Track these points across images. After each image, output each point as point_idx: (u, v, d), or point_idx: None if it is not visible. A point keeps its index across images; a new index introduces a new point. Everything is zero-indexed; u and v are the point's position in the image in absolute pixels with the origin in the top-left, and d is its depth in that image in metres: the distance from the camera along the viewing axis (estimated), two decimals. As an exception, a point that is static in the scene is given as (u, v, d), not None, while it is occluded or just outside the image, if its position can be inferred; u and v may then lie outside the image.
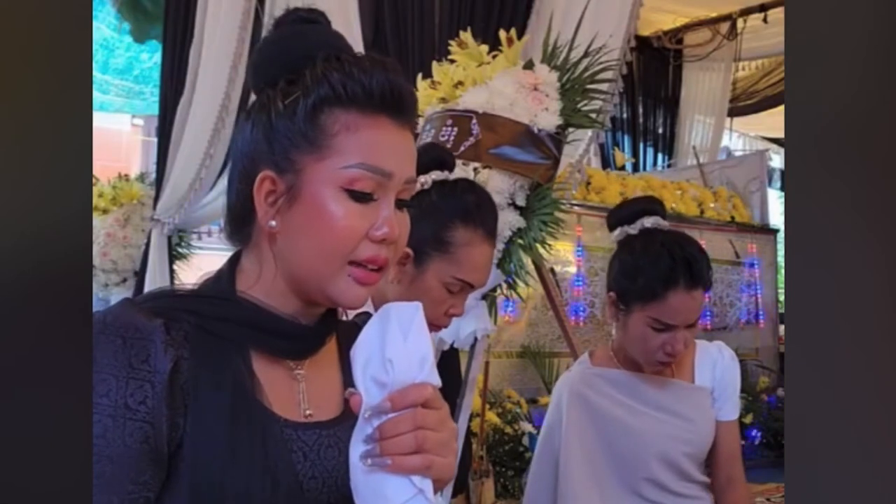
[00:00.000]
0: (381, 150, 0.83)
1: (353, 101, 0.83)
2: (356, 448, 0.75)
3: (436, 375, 0.76)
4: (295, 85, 0.84)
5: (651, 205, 1.72)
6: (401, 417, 0.74)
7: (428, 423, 0.74)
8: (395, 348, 0.74)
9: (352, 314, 1.17)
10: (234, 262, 0.90)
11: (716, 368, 1.70)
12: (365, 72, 0.83)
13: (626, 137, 7.39)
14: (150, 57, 5.33)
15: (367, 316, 0.89)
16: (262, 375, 0.84)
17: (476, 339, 2.09)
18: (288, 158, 0.83)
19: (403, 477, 0.73)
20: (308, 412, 0.87)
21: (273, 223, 0.84)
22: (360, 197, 0.82)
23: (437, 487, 0.76)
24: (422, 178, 1.48)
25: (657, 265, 1.57)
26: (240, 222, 0.89)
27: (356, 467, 0.74)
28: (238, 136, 0.89)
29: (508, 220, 2.09)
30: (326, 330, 0.91)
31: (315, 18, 0.91)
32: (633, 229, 1.67)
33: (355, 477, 0.75)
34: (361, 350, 0.76)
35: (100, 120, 5.98)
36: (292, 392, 0.87)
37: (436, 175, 1.49)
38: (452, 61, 2.27)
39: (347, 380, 0.78)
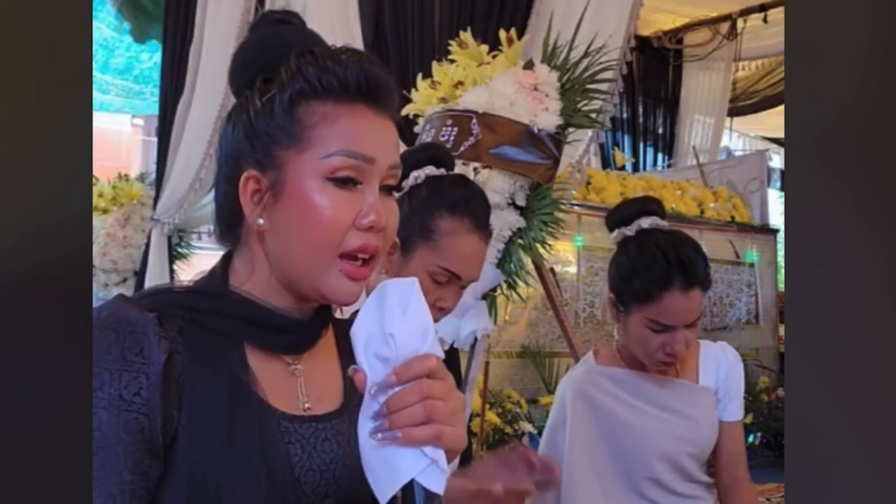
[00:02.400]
0: (361, 137, 0.83)
1: (329, 92, 0.83)
2: (364, 425, 0.74)
3: (438, 347, 0.76)
4: (271, 83, 0.84)
5: (648, 205, 1.71)
6: (407, 389, 0.73)
7: (435, 392, 0.74)
8: (396, 322, 0.73)
9: (347, 311, 1.17)
10: (226, 261, 0.90)
11: (720, 368, 1.70)
12: (339, 63, 0.83)
13: (626, 137, 7.39)
14: (150, 57, 5.34)
15: None
16: (259, 370, 0.85)
17: (476, 338, 2.10)
18: (269, 155, 0.84)
19: (415, 448, 0.73)
20: (307, 406, 0.87)
21: (261, 221, 0.84)
22: (344, 182, 0.82)
23: (450, 458, 0.75)
24: (415, 173, 1.47)
25: (652, 267, 1.57)
26: (229, 223, 0.89)
27: (366, 444, 0.74)
28: (221, 139, 0.89)
29: (508, 220, 2.09)
30: (320, 324, 0.91)
31: (288, 19, 0.91)
32: (629, 230, 1.67)
33: (366, 454, 0.74)
34: (361, 328, 0.75)
35: (100, 120, 5.98)
36: (290, 387, 0.87)
37: (430, 171, 1.48)
38: (452, 61, 2.27)
39: (347, 373, 0.78)
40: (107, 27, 5.09)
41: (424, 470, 0.73)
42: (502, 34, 2.25)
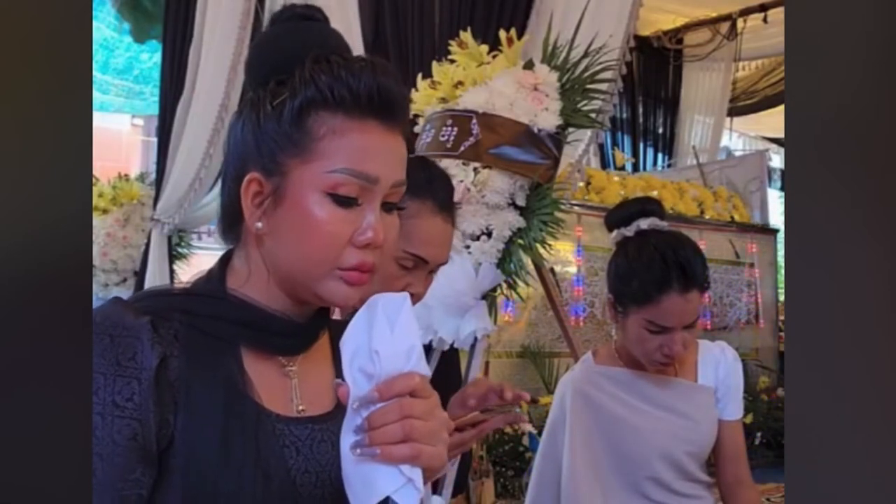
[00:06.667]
0: (368, 155, 0.83)
1: (340, 104, 0.82)
2: (346, 439, 0.75)
3: (424, 365, 0.77)
4: (284, 86, 0.83)
5: (647, 206, 1.71)
6: (388, 407, 0.74)
7: (415, 412, 0.75)
8: (382, 339, 0.74)
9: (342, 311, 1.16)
10: (224, 261, 0.90)
11: (719, 368, 1.70)
12: (353, 74, 0.82)
13: (626, 137, 7.40)
14: (150, 57, 5.34)
15: None
16: (254, 373, 0.85)
17: (476, 338, 2.09)
18: (274, 161, 0.83)
19: (392, 466, 0.74)
20: (300, 408, 0.87)
21: (259, 225, 0.84)
22: (344, 202, 0.82)
23: (428, 477, 0.76)
24: None
25: (650, 269, 1.57)
26: (231, 221, 0.89)
27: (346, 458, 0.75)
28: (230, 135, 0.89)
29: (508, 220, 2.09)
30: (318, 326, 0.91)
31: (312, 15, 0.89)
32: (628, 231, 1.67)
33: (346, 467, 0.75)
34: (349, 341, 0.76)
35: (100, 120, 5.99)
36: (284, 388, 0.87)
37: None
38: (452, 61, 2.27)
39: (340, 375, 0.78)
40: (107, 27, 5.10)
41: (400, 489, 0.74)
42: (502, 34, 2.25)
